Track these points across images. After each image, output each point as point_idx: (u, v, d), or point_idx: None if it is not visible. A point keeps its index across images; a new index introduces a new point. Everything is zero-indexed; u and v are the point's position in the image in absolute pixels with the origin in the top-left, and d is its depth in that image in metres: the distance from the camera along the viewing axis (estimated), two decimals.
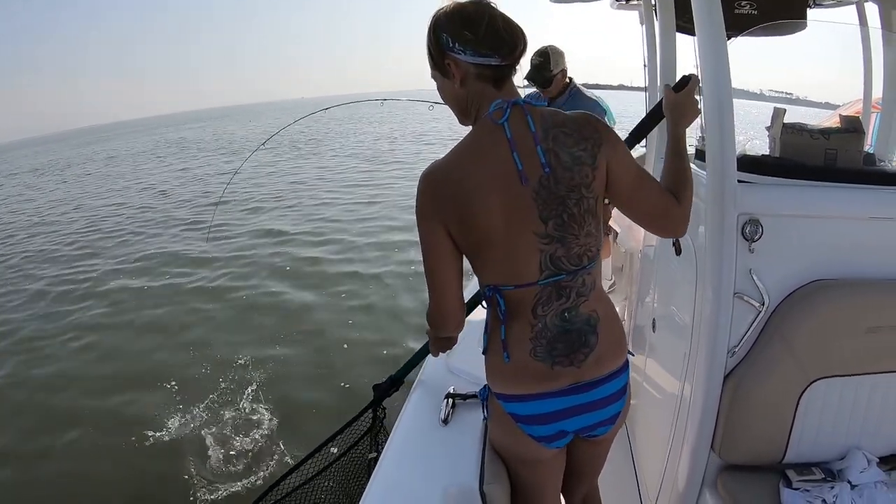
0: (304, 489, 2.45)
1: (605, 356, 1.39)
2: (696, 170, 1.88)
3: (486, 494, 1.51)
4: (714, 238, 1.58)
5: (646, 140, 2.34)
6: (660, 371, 2.11)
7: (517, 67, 1.35)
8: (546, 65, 3.22)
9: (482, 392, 1.54)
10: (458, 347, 1.86)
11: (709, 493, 1.75)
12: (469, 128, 1.37)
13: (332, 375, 4.88)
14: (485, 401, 1.53)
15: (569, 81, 3.39)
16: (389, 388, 2.31)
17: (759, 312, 1.62)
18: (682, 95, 1.52)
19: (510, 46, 1.28)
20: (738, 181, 1.60)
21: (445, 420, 1.69)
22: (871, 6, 2.46)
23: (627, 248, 2.87)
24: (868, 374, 1.69)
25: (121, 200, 15.51)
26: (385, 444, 1.64)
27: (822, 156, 1.74)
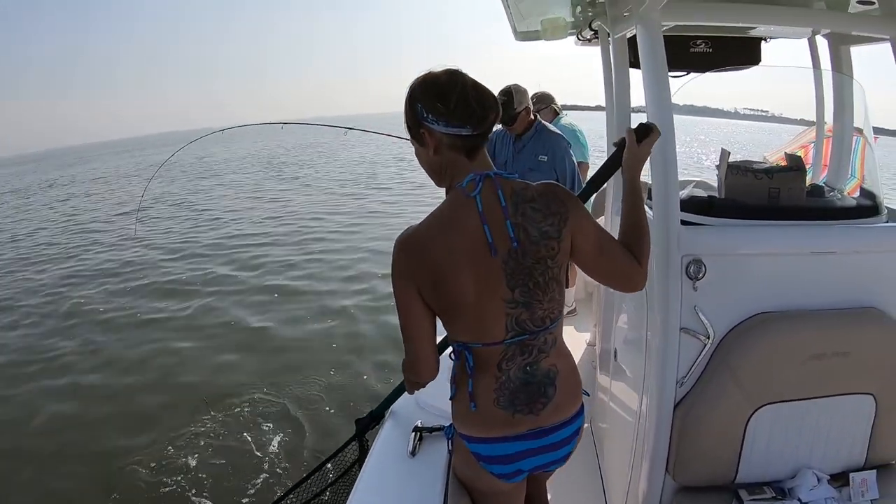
0: None
1: (562, 405, 1.49)
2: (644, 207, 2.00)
3: None
4: (660, 277, 1.70)
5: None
6: (621, 397, 2.22)
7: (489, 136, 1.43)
8: (510, 103, 3.34)
9: (448, 430, 1.64)
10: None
11: None
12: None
13: (312, 410, 4.79)
14: (450, 438, 1.63)
15: (534, 118, 3.54)
16: (370, 423, 2.40)
17: (706, 345, 1.73)
18: (645, 146, 1.58)
19: (480, 118, 1.34)
20: (684, 222, 1.72)
21: (413, 452, 1.80)
22: (822, 42, 2.58)
23: (590, 280, 3.00)
24: (814, 399, 1.80)
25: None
26: (358, 475, 1.74)
27: (766, 194, 1.86)
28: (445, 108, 1.33)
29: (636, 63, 1.84)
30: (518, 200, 1.37)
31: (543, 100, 4.50)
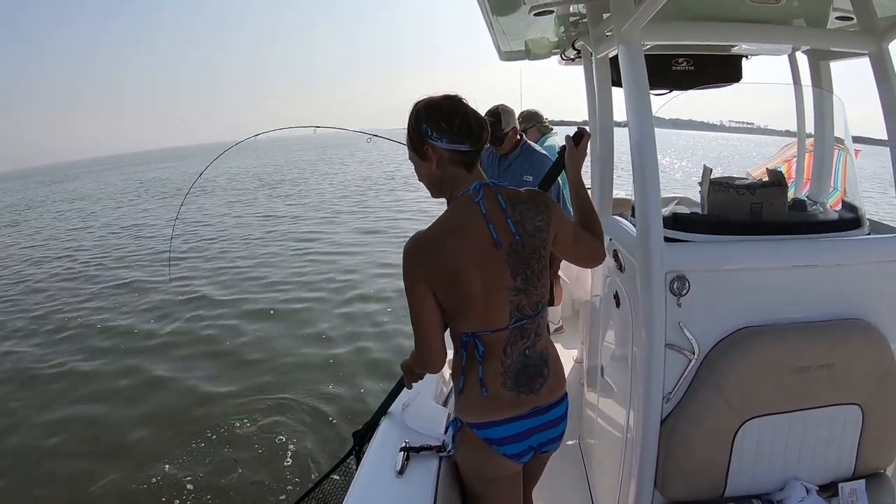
0: None
1: (554, 386, 1.69)
2: (628, 224, 2.02)
3: None
4: (644, 294, 1.72)
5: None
6: (609, 413, 2.23)
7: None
8: (498, 124, 3.37)
9: (453, 423, 1.76)
10: (414, 403, 1.98)
11: None
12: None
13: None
14: (455, 433, 1.75)
15: (520, 138, 3.57)
16: (366, 434, 2.41)
17: (691, 361, 1.75)
18: (581, 148, 1.88)
19: (478, 136, 1.57)
20: (668, 239, 1.74)
21: (401, 471, 1.80)
22: (802, 57, 2.62)
23: (576, 298, 3.03)
24: (801, 411, 1.81)
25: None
26: (346, 495, 1.73)
27: (748, 210, 1.89)
28: (449, 127, 1.53)
29: (619, 82, 1.88)
30: (514, 202, 1.59)
31: (531, 118, 4.52)
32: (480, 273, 1.52)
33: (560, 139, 4.48)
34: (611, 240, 2.14)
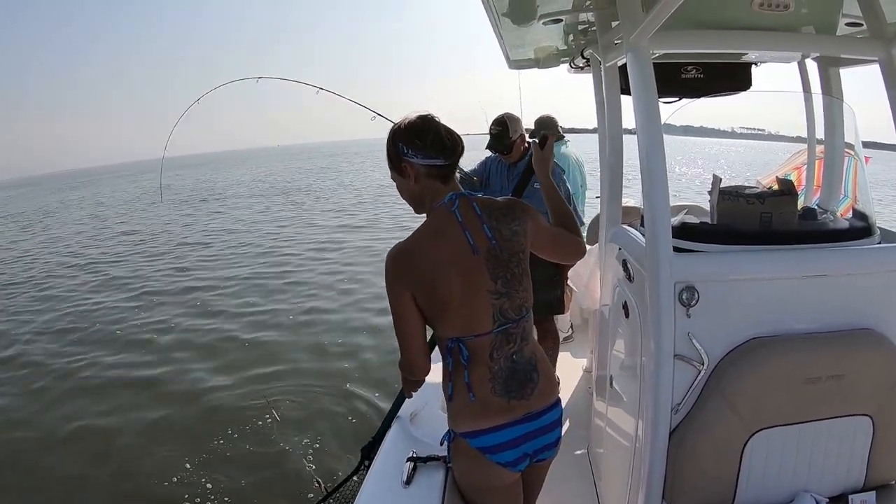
0: None
1: (545, 390, 1.73)
2: (637, 234, 2.02)
3: None
4: (653, 305, 1.71)
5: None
6: (617, 423, 2.22)
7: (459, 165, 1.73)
8: (505, 133, 3.36)
9: (447, 436, 1.76)
10: (421, 413, 1.98)
11: None
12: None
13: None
14: (450, 444, 1.75)
15: (528, 146, 3.52)
16: (374, 446, 2.44)
17: (700, 372, 1.74)
18: (546, 150, 1.97)
19: (451, 150, 1.65)
20: (677, 249, 1.73)
21: (408, 482, 1.81)
22: (812, 63, 2.61)
23: (585, 307, 3.02)
24: (811, 422, 1.80)
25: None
26: None
27: (758, 219, 1.87)
28: (423, 144, 1.62)
29: (628, 90, 1.87)
30: (489, 210, 1.67)
31: (546, 126, 4.46)
32: (459, 278, 1.58)
33: (571, 148, 4.46)
34: (620, 249, 2.14)
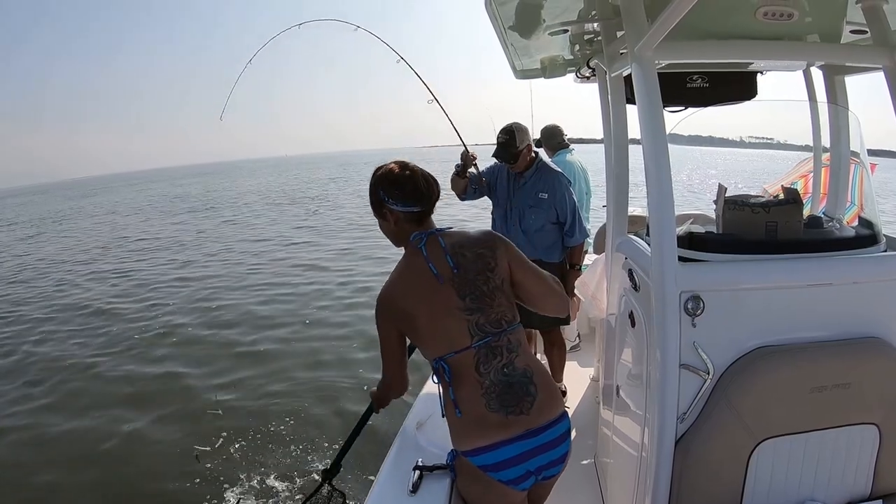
0: None
1: (546, 404, 1.73)
2: (643, 243, 2.02)
3: None
4: (658, 314, 1.72)
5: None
6: (624, 432, 2.22)
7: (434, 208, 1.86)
8: (512, 142, 3.34)
9: (449, 456, 1.81)
10: (428, 421, 1.99)
11: None
12: None
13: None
14: (452, 464, 1.79)
15: (535, 155, 3.51)
16: (334, 471, 2.64)
17: (706, 381, 1.74)
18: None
19: (427, 198, 1.80)
20: (682, 258, 1.74)
21: (414, 490, 1.81)
22: (817, 72, 2.61)
23: (592, 317, 3.03)
24: (816, 431, 1.80)
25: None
26: None
27: (763, 229, 1.88)
28: (401, 193, 1.77)
29: (633, 99, 1.88)
30: (454, 242, 1.79)
31: (553, 135, 4.48)
32: (425, 304, 1.72)
33: (576, 155, 4.46)
34: (626, 259, 2.15)
